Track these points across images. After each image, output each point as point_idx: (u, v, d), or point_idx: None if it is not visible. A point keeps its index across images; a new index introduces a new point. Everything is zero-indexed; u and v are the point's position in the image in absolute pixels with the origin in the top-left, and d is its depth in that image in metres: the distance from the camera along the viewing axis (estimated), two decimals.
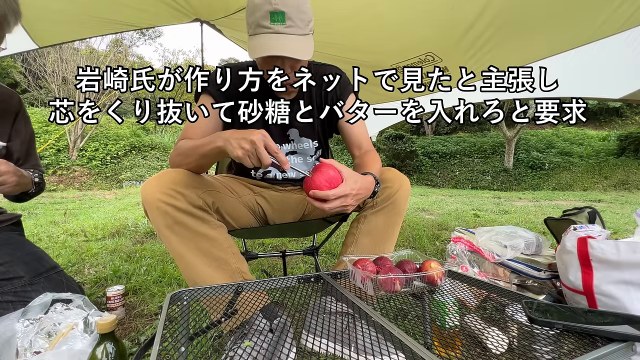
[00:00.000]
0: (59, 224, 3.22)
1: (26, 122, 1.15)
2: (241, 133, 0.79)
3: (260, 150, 0.75)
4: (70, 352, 0.74)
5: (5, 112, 1.09)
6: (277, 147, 0.78)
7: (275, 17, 0.87)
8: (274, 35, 0.88)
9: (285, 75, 0.94)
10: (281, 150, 0.79)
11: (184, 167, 0.92)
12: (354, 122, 1.15)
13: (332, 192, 0.78)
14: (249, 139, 0.76)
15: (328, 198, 0.78)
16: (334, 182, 0.80)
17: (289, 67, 0.95)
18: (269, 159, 0.76)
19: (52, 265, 1.11)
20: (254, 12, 0.90)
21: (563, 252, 1.06)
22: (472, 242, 1.50)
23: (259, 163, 0.77)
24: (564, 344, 0.55)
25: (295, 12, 0.89)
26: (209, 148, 0.85)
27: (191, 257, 0.86)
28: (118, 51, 12.80)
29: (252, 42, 0.92)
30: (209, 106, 1.03)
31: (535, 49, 1.87)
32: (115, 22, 2.01)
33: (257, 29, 0.90)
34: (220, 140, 0.82)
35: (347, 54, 2.21)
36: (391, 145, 12.93)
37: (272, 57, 0.92)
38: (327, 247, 2.22)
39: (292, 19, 0.89)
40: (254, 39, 0.91)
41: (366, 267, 0.78)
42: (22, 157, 1.12)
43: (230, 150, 0.79)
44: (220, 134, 0.84)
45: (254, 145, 0.75)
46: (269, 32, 0.88)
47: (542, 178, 11.03)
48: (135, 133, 11.39)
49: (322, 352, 0.60)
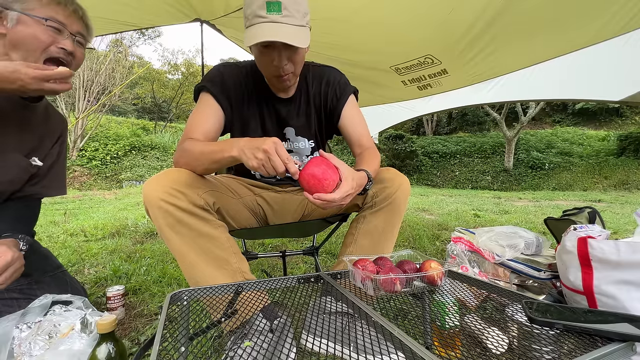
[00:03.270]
0: (59, 224, 3.22)
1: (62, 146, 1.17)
2: (255, 142, 0.80)
3: (274, 158, 0.76)
4: (69, 352, 0.74)
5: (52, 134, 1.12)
6: (288, 156, 0.78)
7: (272, 7, 0.88)
8: (270, 24, 0.89)
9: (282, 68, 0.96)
10: (292, 159, 0.79)
11: (190, 169, 0.92)
12: (354, 122, 1.15)
13: (337, 196, 0.79)
14: (262, 147, 0.77)
15: (334, 201, 0.79)
16: (330, 179, 0.80)
17: (286, 58, 0.96)
18: (283, 167, 0.77)
19: (57, 264, 1.14)
20: (251, 4, 0.91)
21: (563, 252, 1.06)
22: (472, 242, 1.50)
23: (274, 172, 0.78)
24: (564, 344, 0.55)
25: (292, 3, 0.90)
26: (222, 156, 0.86)
27: (193, 256, 0.86)
28: (118, 51, 12.80)
29: (248, 32, 0.92)
30: (210, 105, 1.04)
31: (534, 51, 1.87)
32: (115, 22, 2.01)
33: (253, 19, 0.90)
34: (236, 150, 0.82)
35: (346, 55, 2.21)
36: (391, 145, 12.94)
37: (268, 48, 0.93)
38: (327, 247, 2.22)
39: (288, 9, 0.89)
40: (251, 29, 0.91)
41: (366, 267, 0.78)
42: (41, 176, 1.13)
43: (245, 161, 0.81)
44: (234, 143, 0.84)
45: (267, 154, 0.76)
46: (266, 22, 0.89)
47: (542, 178, 11.03)
48: (135, 133, 11.40)
49: (322, 352, 0.60)
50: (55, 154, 1.13)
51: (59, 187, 1.19)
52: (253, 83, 1.10)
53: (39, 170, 1.08)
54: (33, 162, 1.04)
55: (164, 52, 27.89)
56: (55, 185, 1.17)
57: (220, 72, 1.08)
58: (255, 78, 1.10)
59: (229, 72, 1.08)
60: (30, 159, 1.04)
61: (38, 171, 1.08)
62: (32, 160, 1.04)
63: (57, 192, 1.19)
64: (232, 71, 1.09)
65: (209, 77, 1.07)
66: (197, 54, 15.49)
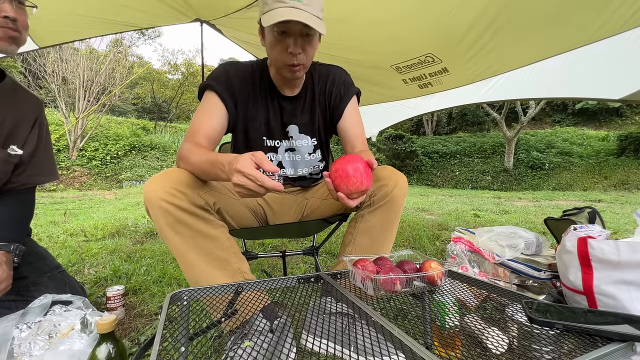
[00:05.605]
0: (59, 224, 3.22)
1: (40, 128, 1.11)
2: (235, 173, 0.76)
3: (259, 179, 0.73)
4: (69, 353, 0.74)
5: (27, 118, 1.06)
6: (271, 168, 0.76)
7: None
8: (290, 8, 0.90)
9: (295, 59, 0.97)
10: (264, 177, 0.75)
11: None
12: (352, 124, 1.16)
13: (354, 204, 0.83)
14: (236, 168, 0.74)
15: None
16: (367, 176, 0.81)
17: (300, 47, 0.96)
18: (270, 182, 0.74)
19: (55, 264, 1.12)
20: None
21: (563, 252, 1.06)
22: (472, 242, 1.50)
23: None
24: (564, 344, 0.55)
25: None
26: (216, 176, 0.85)
27: (193, 256, 0.86)
28: (118, 51, 12.79)
29: (267, 15, 0.92)
30: (215, 104, 1.03)
31: (535, 49, 1.87)
32: (116, 23, 2.01)
33: (273, 4, 0.91)
34: (225, 175, 0.81)
35: (347, 54, 2.21)
36: (391, 145, 12.94)
37: (284, 34, 0.94)
38: (327, 247, 2.22)
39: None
40: (270, 13, 0.91)
41: (366, 267, 0.78)
42: (26, 163, 1.07)
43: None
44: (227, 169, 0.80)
45: (249, 178, 0.74)
46: (286, 6, 0.90)
47: (542, 178, 11.03)
48: (135, 133, 11.39)
49: (322, 352, 0.60)
50: (34, 138, 1.07)
51: (49, 173, 1.14)
52: (259, 81, 1.10)
53: (21, 159, 1.02)
54: (12, 151, 1.00)
55: (164, 52, 27.81)
56: (45, 171, 1.12)
57: (226, 70, 1.07)
58: (261, 76, 1.10)
59: (235, 70, 1.08)
60: (7, 148, 0.99)
61: (20, 160, 1.02)
62: (10, 149, 0.99)
63: (48, 178, 1.14)
64: (238, 69, 1.09)
65: (214, 75, 1.07)
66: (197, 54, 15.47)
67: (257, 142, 1.14)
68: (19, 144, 1.02)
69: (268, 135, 1.14)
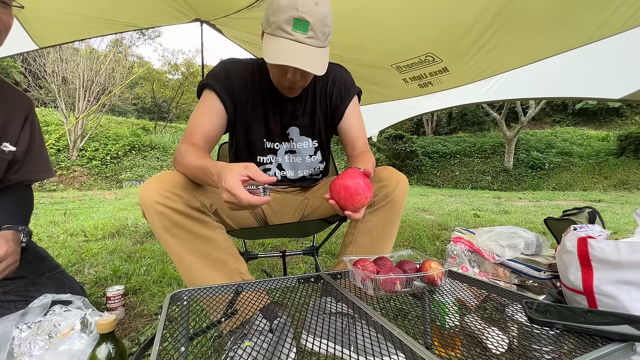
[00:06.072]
0: (59, 224, 3.22)
1: (32, 126, 1.11)
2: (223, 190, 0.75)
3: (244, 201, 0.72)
4: (69, 353, 0.74)
5: (17, 116, 1.06)
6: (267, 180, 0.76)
7: (299, 25, 0.85)
8: (294, 43, 0.87)
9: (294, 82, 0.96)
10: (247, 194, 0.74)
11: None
12: (353, 124, 1.15)
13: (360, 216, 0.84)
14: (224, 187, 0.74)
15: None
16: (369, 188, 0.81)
17: (300, 74, 0.95)
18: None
19: (55, 265, 1.12)
20: (277, 13, 0.87)
21: (563, 252, 1.06)
22: (472, 242, 1.50)
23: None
24: (564, 344, 0.55)
25: (320, 25, 0.87)
26: (207, 183, 0.86)
27: (189, 258, 0.86)
28: (118, 51, 12.79)
29: (270, 42, 0.90)
30: (213, 103, 1.02)
31: (535, 49, 1.87)
32: (116, 23, 2.01)
33: (276, 31, 0.88)
34: (215, 185, 0.80)
35: (347, 53, 2.21)
36: (391, 145, 12.94)
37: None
38: (327, 247, 2.22)
39: (314, 30, 0.87)
40: (273, 41, 0.89)
41: (366, 267, 0.78)
42: (21, 161, 1.09)
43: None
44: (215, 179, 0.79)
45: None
46: (290, 39, 0.87)
47: (542, 178, 11.03)
48: (135, 133, 11.39)
49: (322, 352, 0.60)
50: (27, 136, 1.09)
51: (45, 170, 1.15)
52: (259, 81, 1.08)
53: (15, 156, 1.04)
54: (5, 148, 1.01)
55: (164, 52, 27.88)
56: (41, 168, 1.14)
57: (226, 68, 1.05)
58: (262, 76, 1.08)
59: (235, 69, 1.06)
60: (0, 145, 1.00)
61: (14, 157, 1.04)
62: (3, 146, 1.00)
63: (45, 176, 1.15)
64: (238, 68, 1.06)
65: (214, 73, 1.05)
66: (197, 54, 15.47)
67: (256, 144, 1.12)
68: (11, 141, 1.03)
69: (268, 137, 1.13)
